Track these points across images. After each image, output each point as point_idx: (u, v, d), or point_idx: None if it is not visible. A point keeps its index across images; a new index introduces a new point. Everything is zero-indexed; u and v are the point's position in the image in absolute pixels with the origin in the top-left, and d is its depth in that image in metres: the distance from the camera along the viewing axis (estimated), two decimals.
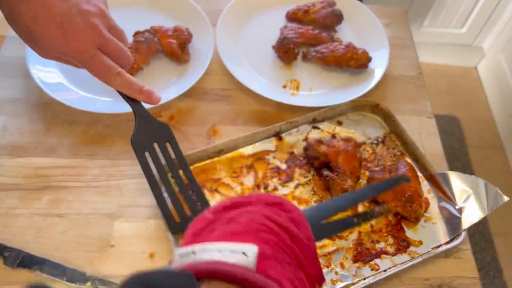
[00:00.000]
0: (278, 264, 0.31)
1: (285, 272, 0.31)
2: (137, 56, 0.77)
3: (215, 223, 0.36)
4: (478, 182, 0.65)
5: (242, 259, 0.29)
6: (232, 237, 0.32)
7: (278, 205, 0.37)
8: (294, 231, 0.35)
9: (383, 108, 0.75)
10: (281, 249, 0.33)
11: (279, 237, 0.33)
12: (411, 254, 0.62)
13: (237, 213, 0.36)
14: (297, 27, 0.85)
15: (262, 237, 0.32)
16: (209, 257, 0.30)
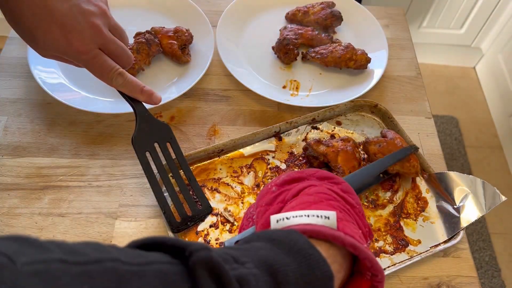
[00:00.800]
0: (349, 223, 0.38)
1: (354, 229, 0.38)
2: (138, 56, 0.77)
3: (281, 195, 0.43)
4: (476, 181, 0.65)
5: (326, 222, 0.37)
6: (311, 205, 0.39)
7: (329, 179, 0.44)
8: (348, 199, 0.42)
9: (382, 108, 0.76)
10: (346, 212, 0.40)
11: (342, 203, 0.41)
12: (409, 253, 0.63)
13: (301, 186, 0.42)
14: (297, 28, 0.86)
15: (332, 204, 0.39)
16: (300, 221, 0.37)
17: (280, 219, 0.38)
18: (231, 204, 0.66)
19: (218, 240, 0.62)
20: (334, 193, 0.42)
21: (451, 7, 1.77)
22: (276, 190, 0.44)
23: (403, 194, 0.68)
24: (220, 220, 0.64)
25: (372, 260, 0.35)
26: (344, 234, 0.36)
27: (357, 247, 0.34)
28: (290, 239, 0.33)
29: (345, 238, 0.35)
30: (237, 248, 0.32)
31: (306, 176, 0.44)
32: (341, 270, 0.35)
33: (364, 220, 0.43)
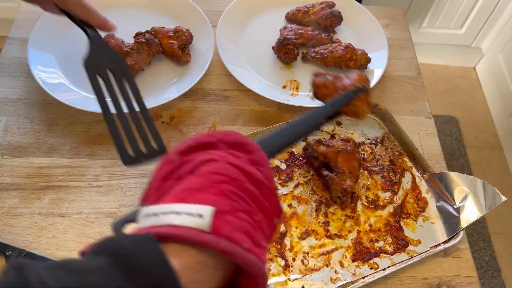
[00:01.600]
0: (233, 216, 0.34)
1: (238, 223, 0.34)
2: (138, 56, 0.77)
3: (180, 168, 0.38)
4: (476, 182, 0.65)
5: (198, 222, 0.32)
6: (194, 194, 0.34)
7: (242, 146, 0.40)
8: (254, 174, 0.37)
9: (382, 108, 0.76)
10: (239, 197, 0.35)
11: (239, 183, 0.36)
12: (410, 253, 0.63)
13: (201, 160, 0.38)
14: (297, 28, 0.86)
15: (223, 189, 0.35)
16: (169, 221, 0.32)
17: (149, 215, 0.34)
18: None
19: None
20: (236, 169, 0.37)
21: (451, 7, 1.77)
22: (177, 160, 0.38)
23: (403, 195, 0.68)
24: None
25: (250, 264, 0.32)
26: (218, 236, 0.32)
27: (231, 252, 0.31)
28: (138, 253, 0.28)
29: (216, 243, 0.31)
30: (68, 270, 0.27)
31: (216, 142, 0.40)
32: (216, 272, 0.32)
33: (271, 197, 0.39)
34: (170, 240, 0.31)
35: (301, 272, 0.61)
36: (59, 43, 0.82)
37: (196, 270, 0.31)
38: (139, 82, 0.79)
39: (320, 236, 0.64)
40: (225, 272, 0.33)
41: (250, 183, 0.37)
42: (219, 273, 0.33)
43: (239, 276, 0.34)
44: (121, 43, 0.77)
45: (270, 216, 0.38)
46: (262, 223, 0.37)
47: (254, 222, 0.35)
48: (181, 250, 0.31)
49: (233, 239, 0.32)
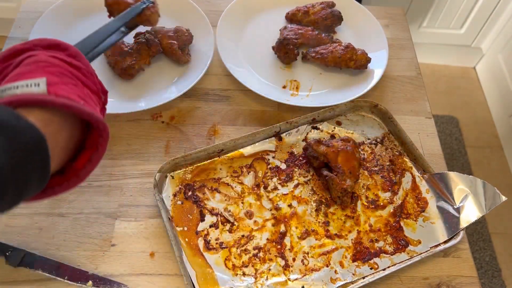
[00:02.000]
0: (65, 86, 0.40)
1: (72, 90, 0.40)
2: (138, 56, 0.77)
3: (2, 72, 0.42)
4: (476, 182, 0.65)
5: (36, 89, 0.38)
6: (25, 76, 0.39)
7: (56, 46, 0.45)
8: (72, 62, 0.44)
9: (382, 108, 0.76)
10: (65, 76, 0.42)
11: (63, 67, 0.42)
12: (410, 253, 0.63)
13: (21, 59, 0.42)
14: (297, 28, 0.86)
15: (49, 70, 0.41)
16: (9, 93, 0.37)
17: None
18: (231, 204, 0.66)
19: (218, 240, 0.62)
20: (56, 59, 0.42)
21: (451, 7, 1.77)
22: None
23: (403, 195, 0.68)
24: (220, 220, 0.64)
25: (85, 113, 0.39)
26: (56, 96, 0.38)
27: (68, 105, 0.37)
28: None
29: (55, 99, 0.37)
30: None
31: (31, 47, 0.44)
32: (62, 129, 0.39)
33: (94, 79, 0.46)
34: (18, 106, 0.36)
35: (301, 272, 0.61)
36: None
37: (44, 124, 0.36)
38: (139, 82, 0.79)
39: (320, 236, 0.64)
40: (71, 131, 0.40)
41: (72, 68, 0.43)
42: (66, 130, 0.40)
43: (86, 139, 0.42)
44: (121, 43, 0.77)
45: (97, 93, 0.46)
46: (91, 95, 0.44)
47: (82, 94, 0.42)
48: (27, 112, 0.36)
49: (69, 98, 0.38)
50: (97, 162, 0.44)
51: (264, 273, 0.60)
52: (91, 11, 0.86)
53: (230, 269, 0.60)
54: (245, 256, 0.61)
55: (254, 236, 0.63)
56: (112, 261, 0.60)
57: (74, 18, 0.85)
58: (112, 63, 0.77)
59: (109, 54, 0.77)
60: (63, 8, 0.84)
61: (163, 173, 0.67)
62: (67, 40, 0.81)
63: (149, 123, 0.75)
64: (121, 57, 0.76)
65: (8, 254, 0.59)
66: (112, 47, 0.64)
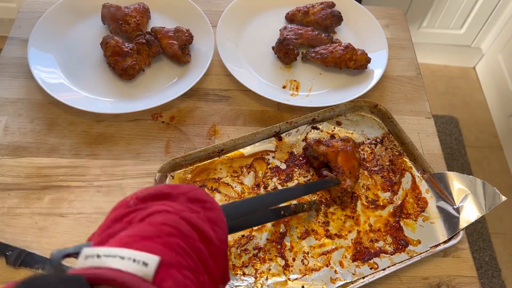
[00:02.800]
0: (178, 272, 0.32)
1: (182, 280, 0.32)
2: (138, 57, 0.77)
3: (134, 213, 0.37)
4: (476, 182, 0.65)
5: (141, 269, 0.31)
6: (141, 241, 0.33)
7: (200, 202, 0.39)
8: (207, 232, 0.36)
9: (382, 108, 0.76)
10: (187, 254, 0.34)
11: (188, 240, 0.35)
12: (409, 253, 0.63)
13: (155, 209, 0.37)
14: (297, 28, 0.86)
15: (170, 242, 0.34)
16: (111, 264, 0.31)
17: (90, 256, 0.32)
18: None
19: None
20: (189, 225, 0.36)
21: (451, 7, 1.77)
22: (133, 205, 0.38)
23: (403, 195, 0.68)
24: None
25: None
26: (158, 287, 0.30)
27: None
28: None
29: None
30: None
31: (176, 195, 0.39)
32: None
33: (221, 261, 0.38)
34: (107, 283, 0.29)
35: (301, 272, 0.61)
36: (59, 43, 0.82)
37: None
38: (139, 82, 0.79)
39: (320, 236, 0.64)
40: None
41: (201, 242, 0.36)
42: None
43: None
44: (121, 44, 0.77)
45: (216, 280, 0.37)
46: (206, 284, 0.35)
47: (198, 283, 0.34)
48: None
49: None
50: None
51: (264, 273, 0.60)
52: (91, 12, 0.86)
53: (230, 269, 0.60)
54: (245, 256, 0.62)
55: (254, 236, 0.63)
56: None
57: (74, 18, 0.85)
58: (112, 64, 0.77)
59: (110, 54, 0.77)
60: (63, 8, 0.85)
61: (163, 173, 0.67)
62: (67, 40, 0.82)
63: (149, 123, 0.75)
64: (121, 58, 0.76)
65: (8, 254, 0.59)
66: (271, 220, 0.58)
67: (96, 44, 0.81)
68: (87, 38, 0.83)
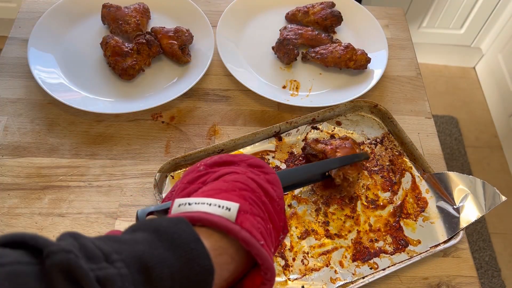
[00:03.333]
0: (252, 217, 0.38)
1: (256, 224, 0.38)
2: (138, 57, 0.77)
3: (205, 176, 0.43)
4: (476, 182, 0.65)
5: (226, 213, 0.37)
6: (221, 193, 0.39)
7: (259, 167, 0.45)
8: (269, 190, 0.42)
9: (382, 108, 0.76)
10: (257, 205, 0.40)
11: (256, 194, 0.41)
12: (409, 253, 0.63)
13: (225, 171, 0.43)
14: (297, 28, 0.86)
15: (244, 194, 0.40)
16: (200, 209, 0.37)
17: (182, 204, 0.38)
18: None
19: None
20: (255, 183, 0.42)
21: (451, 7, 1.77)
22: (203, 170, 0.44)
23: (403, 195, 0.68)
24: None
25: (263, 258, 0.36)
26: (241, 227, 0.36)
27: (250, 242, 0.35)
28: (175, 230, 0.33)
29: (239, 232, 0.35)
30: (116, 240, 0.31)
31: (237, 161, 0.45)
32: (232, 262, 0.36)
33: (281, 215, 0.43)
34: (199, 224, 0.35)
35: (301, 272, 0.61)
36: (59, 43, 0.82)
37: (218, 253, 0.35)
38: (139, 82, 0.79)
39: (320, 236, 0.64)
40: (238, 265, 0.37)
41: (266, 197, 0.42)
42: (235, 264, 0.37)
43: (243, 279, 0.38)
44: (121, 44, 0.77)
45: (278, 230, 0.43)
46: (272, 233, 0.41)
47: (266, 229, 0.40)
48: (208, 233, 0.35)
49: (252, 234, 0.36)
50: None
51: None
52: (90, 12, 0.86)
53: None
54: None
55: None
56: None
57: (74, 18, 0.85)
58: (112, 64, 0.77)
59: (109, 54, 0.77)
60: (63, 8, 0.85)
61: (163, 173, 0.67)
62: (67, 40, 0.82)
63: (149, 123, 0.75)
64: (121, 58, 0.76)
65: None
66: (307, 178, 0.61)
67: (96, 44, 0.81)
68: (87, 38, 0.83)
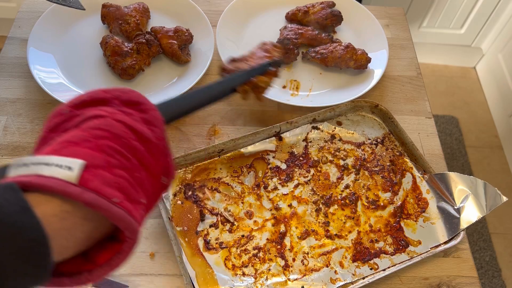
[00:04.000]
0: (108, 171, 0.35)
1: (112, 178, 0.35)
2: (138, 57, 0.77)
3: (69, 121, 0.38)
4: (477, 182, 0.65)
5: (66, 173, 0.33)
6: (68, 147, 0.35)
7: (135, 105, 0.40)
8: (144, 132, 0.38)
9: (382, 108, 0.76)
10: (120, 154, 0.36)
11: (122, 141, 0.37)
12: (410, 254, 0.63)
13: (90, 114, 0.38)
14: (297, 27, 0.85)
15: (101, 144, 0.36)
16: (38, 170, 0.33)
17: (18, 165, 0.34)
18: (231, 204, 0.66)
19: (218, 240, 0.62)
20: (123, 126, 0.37)
21: (451, 7, 1.77)
22: (68, 112, 0.39)
23: (403, 195, 0.68)
24: (220, 220, 0.64)
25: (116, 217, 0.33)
26: (84, 189, 0.33)
27: (96, 204, 0.32)
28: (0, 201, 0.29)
29: (80, 194, 0.32)
30: None
31: (110, 99, 0.40)
32: (85, 222, 0.33)
33: (161, 157, 0.40)
34: (36, 189, 0.32)
35: (301, 272, 0.61)
36: (59, 43, 0.81)
37: (62, 217, 0.32)
38: (139, 82, 0.79)
39: (320, 236, 0.64)
40: (98, 224, 0.34)
41: (137, 141, 0.38)
42: (91, 224, 0.34)
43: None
44: (121, 43, 0.77)
45: (157, 175, 0.39)
46: (144, 181, 0.38)
47: (133, 179, 0.36)
48: (46, 199, 0.32)
49: (101, 193, 0.33)
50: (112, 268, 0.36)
51: (264, 273, 0.60)
52: (90, 12, 0.86)
53: (230, 269, 0.60)
54: (245, 256, 0.61)
55: (254, 236, 0.63)
56: None
57: (74, 18, 0.85)
58: (112, 63, 0.77)
59: (109, 54, 0.77)
60: (63, 8, 0.84)
61: None
62: (67, 40, 0.82)
63: None
64: (121, 57, 0.76)
65: None
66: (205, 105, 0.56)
67: (96, 44, 0.81)
68: (87, 38, 0.83)
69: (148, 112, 0.40)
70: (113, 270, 0.36)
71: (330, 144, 0.73)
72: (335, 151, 0.72)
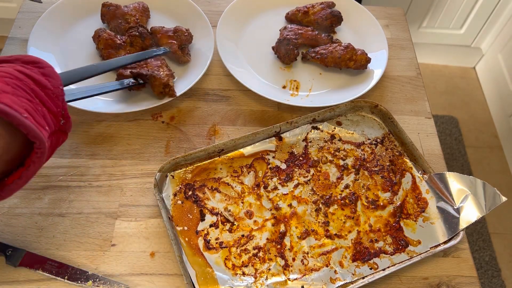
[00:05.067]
0: (16, 97, 0.40)
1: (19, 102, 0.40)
2: (131, 49, 0.77)
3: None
4: (476, 182, 0.65)
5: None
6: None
7: (34, 63, 0.47)
8: (41, 80, 0.45)
9: (382, 108, 0.76)
10: (22, 89, 0.42)
11: (23, 82, 0.43)
12: (409, 254, 0.63)
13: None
14: (297, 28, 0.86)
15: (6, 81, 0.42)
16: None
17: None
18: (231, 204, 0.66)
19: (218, 239, 0.62)
20: (22, 74, 0.43)
21: (451, 7, 1.77)
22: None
23: (403, 195, 0.68)
24: (220, 219, 0.64)
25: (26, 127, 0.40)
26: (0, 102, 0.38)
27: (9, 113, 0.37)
28: None
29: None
30: None
31: (13, 60, 0.46)
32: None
33: (58, 102, 0.46)
34: None
35: (300, 272, 0.61)
36: (59, 43, 0.82)
37: None
38: None
39: (320, 236, 0.64)
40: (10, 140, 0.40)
41: (36, 86, 0.44)
42: (3, 141, 0.39)
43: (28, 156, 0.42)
44: (113, 36, 0.77)
45: (56, 114, 0.46)
46: (46, 115, 0.44)
47: (36, 109, 0.42)
48: None
49: (13, 108, 0.38)
50: (26, 180, 0.43)
51: (264, 273, 0.60)
52: (90, 11, 0.86)
53: (230, 269, 0.60)
54: (245, 255, 0.62)
55: (254, 236, 0.63)
56: (112, 261, 0.60)
57: (74, 18, 0.85)
58: (105, 56, 0.77)
59: (102, 47, 0.77)
60: (63, 8, 0.84)
61: (164, 172, 0.67)
62: (67, 40, 0.82)
63: (149, 123, 0.75)
64: (114, 50, 0.76)
65: (8, 254, 0.59)
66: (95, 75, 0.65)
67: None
68: (87, 38, 0.83)
69: (45, 68, 0.47)
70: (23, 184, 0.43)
71: (330, 144, 0.73)
72: (335, 151, 0.73)
